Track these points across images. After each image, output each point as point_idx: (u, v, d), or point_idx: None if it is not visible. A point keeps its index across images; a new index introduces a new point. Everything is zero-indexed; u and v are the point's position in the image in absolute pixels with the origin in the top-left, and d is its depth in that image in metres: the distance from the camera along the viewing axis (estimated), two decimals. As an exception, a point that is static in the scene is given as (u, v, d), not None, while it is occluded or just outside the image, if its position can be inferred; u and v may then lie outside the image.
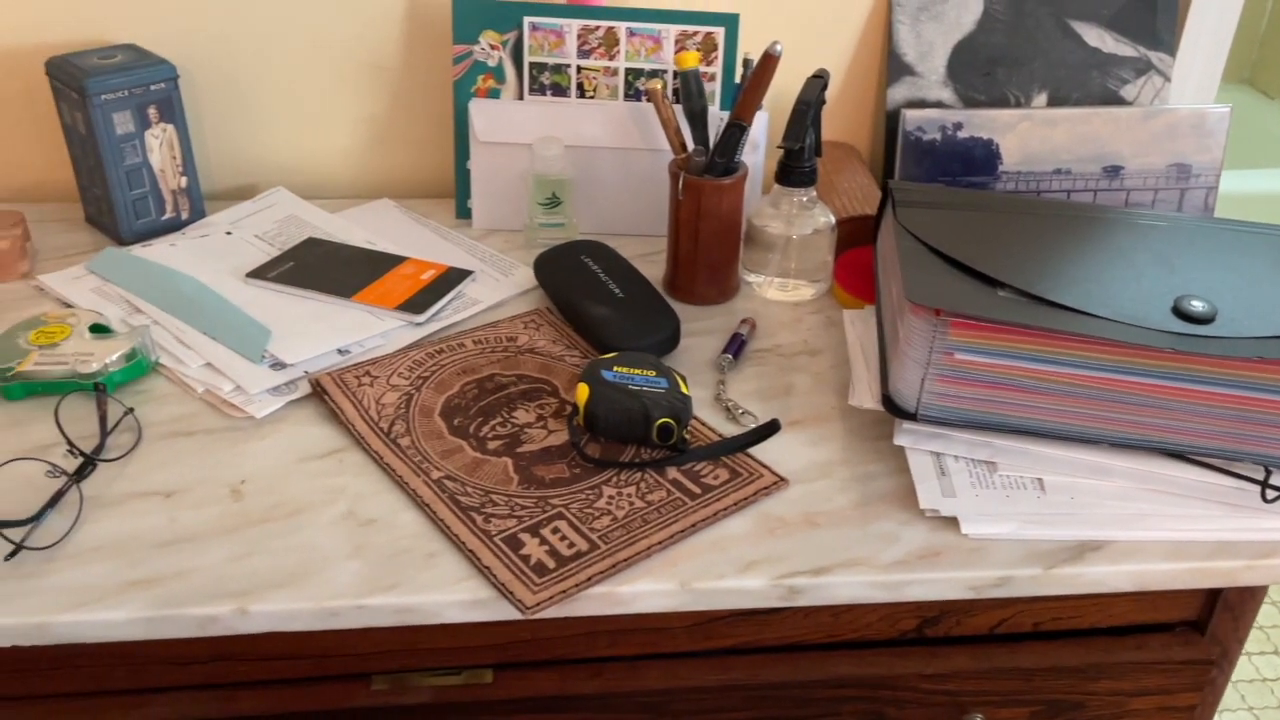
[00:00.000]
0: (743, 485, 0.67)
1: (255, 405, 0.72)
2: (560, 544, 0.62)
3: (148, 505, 0.64)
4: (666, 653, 0.65)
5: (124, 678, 0.61)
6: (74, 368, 0.72)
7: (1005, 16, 0.98)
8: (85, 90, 0.84)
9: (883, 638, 0.67)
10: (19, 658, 0.60)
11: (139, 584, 0.58)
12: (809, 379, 0.78)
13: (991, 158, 0.97)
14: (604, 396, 0.69)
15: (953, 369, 0.66)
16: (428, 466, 0.68)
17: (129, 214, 0.90)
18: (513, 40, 0.93)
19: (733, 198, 0.83)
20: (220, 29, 0.95)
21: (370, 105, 0.99)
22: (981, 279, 0.69)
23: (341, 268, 0.86)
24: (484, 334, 0.81)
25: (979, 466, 0.68)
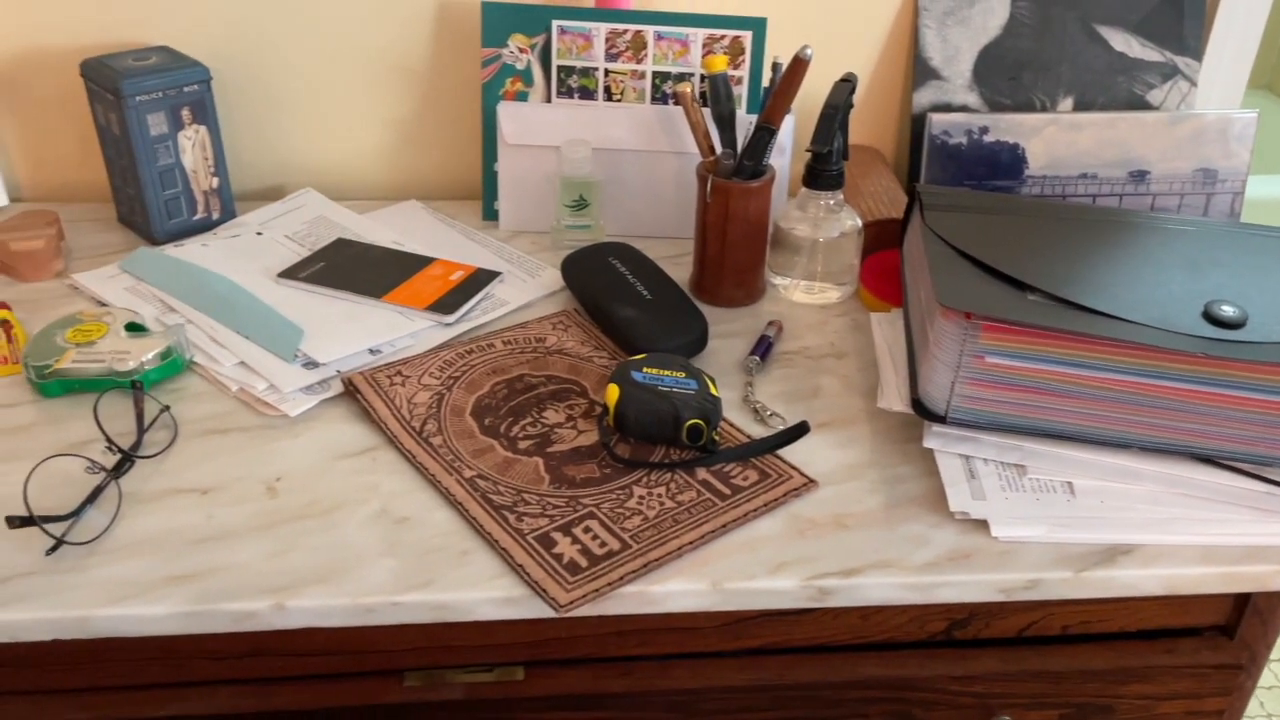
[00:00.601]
0: (772, 486, 0.67)
1: (289, 404, 0.73)
2: (592, 543, 0.63)
3: (185, 502, 0.65)
4: (696, 652, 0.66)
5: (161, 672, 0.62)
6: (111, 365, 0.73)
7: (1032, 21, 0.98)
8: (120, 92, 0.85)
9: (911, 639, 0.67)
10: (59, 651, 0.61)
11: (177, 579, 0.59)
12: (836, 381, 0.78)
13: (1017, 162, 0.97)
14: (634, 397, 0.70)
15: (983, 372, 0.66)
16: (460, 465, 0.68)
17: (161, 214, 0.91)
18: (541, 43, 0.94)
19: (760, 200, 0.83)
20: (252, 32, 0.96)
21: (398, 107, 1.00)
22: (1010, 283, 0.70)
23: (371, 268, 0.87)
24: (513, 335, 0.81)
25: (1008, 470, 0.68)
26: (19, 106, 0.97)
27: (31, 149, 0.99)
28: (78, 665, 0.61)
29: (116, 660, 0.62)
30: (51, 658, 0.61)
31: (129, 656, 0.61)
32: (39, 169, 1.00)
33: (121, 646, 0.61)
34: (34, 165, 1.00)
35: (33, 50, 0.95)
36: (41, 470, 0.66)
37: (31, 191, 1.01)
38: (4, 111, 0.97)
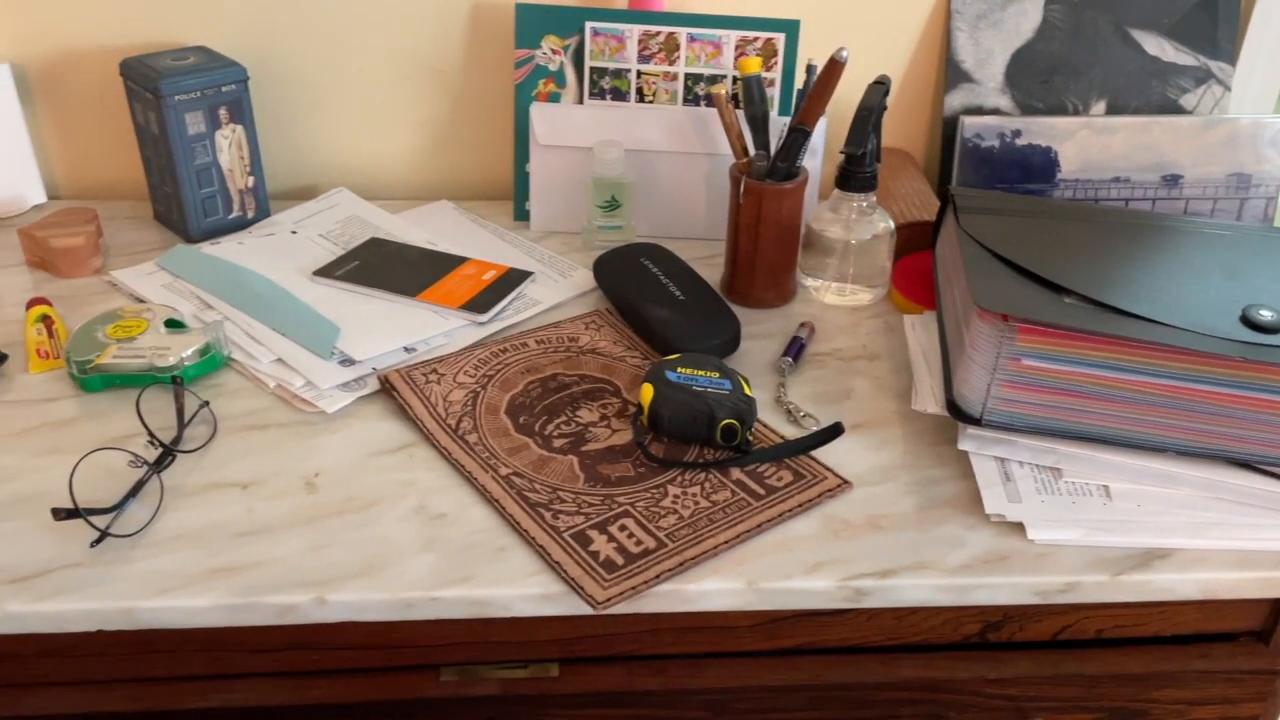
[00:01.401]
0: (807, 487, 0.68)
1: (326, 400, 0.73)
2: (628, 541, 0.63)
3: (226, 496, 0.65)
4: (730, 651, 0.66)
5: (202, 664, 0.63)
6: (151, 361, 0.73)
7: (1064, 24, 0.98)
8: (159, 91, 0.86)
9: (945, 641, 0.67)
10: (103, 642, 0.62)
11: (220, 572, 0.60)
12: (869, 383, 0.78)
13: (1050, 165, 0.97)
14: (668, 397, 0.70)
15: (1019, 375, 0.66)
16: (495, 463, 0.69)
17: (198, 212, 0.92)
18: (574, 45, 0.94)
19: (793, 202, 0.83)
20: (287, 32, 0.97)
21: (431, 108, 1.01)
22: (1046, 285, 0.70)
23: (405, 267, 0.88)
24: (546, 334, 0.82)
25: (1044, 472, 0.68)
26: (58, 105, 0.98)
27: (69, 147, 1.00)
28: (120, 656, 0.62)
29: (159, 652, 0.62)
30: (94, 648, 0.62)
31: (169, 649, 0.62)
32: (76, 167, 1.01)
33: (163, 638, 0.62)
34: (72, 163, 1.01)
35: (72, 50, 0.96)
36: (84, 463, 0.66)
37: (69, 189, 1.02)
38: (43, 110, 0.98)
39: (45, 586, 0.59)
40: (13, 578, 0.59)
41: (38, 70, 0.96)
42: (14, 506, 0.64)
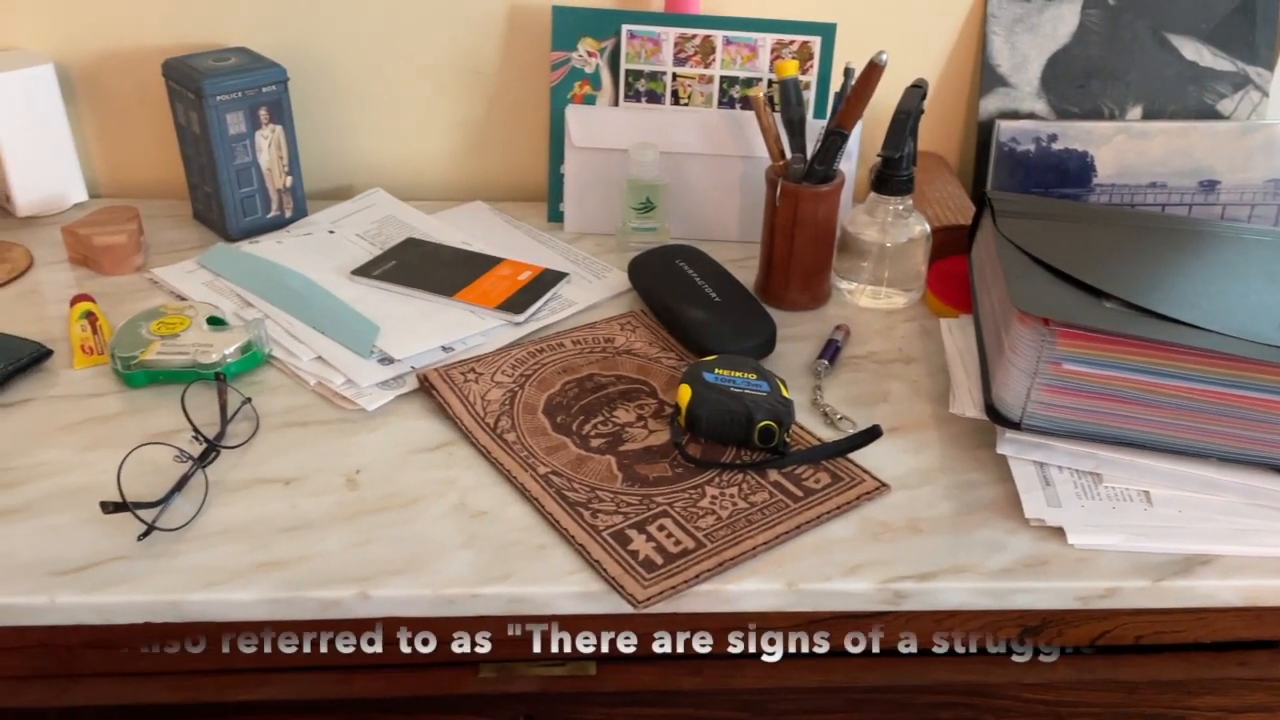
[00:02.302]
0: (845, 489, 0.68)
1: (366, 398, 0.74)
2: (667, 541, 0.63)
3: (269, 491, 0.66)
4: (767, 653, 0.66)
5: (245, 657, 0.63)
6: (194, 358, 0.74)
7: (1101, 29, 0.98)
8: (202, 91, 0.87)
9: (982, 645, 0.67)
10: (149, 634, 0.62)
11: (265, 566, 0.61)
12: (905, 386, 0.78)
13: (1086, 170, 0.96)
14: (706, 398, 0.70)
15: (1060, 379, 0.66)
16: (534, 462, 0.69)
17: (237, 211, 0.93)
18: (610, 47, 0.95)
19: (829, 205, 0.84)
20: (324, 34, 0.98)
21: (467, 110, 1.02)
22: (1086, 290, 0.69)
23: (442, 267, 0.89)
24: (582, 335, 0.82)
25: (1084, 477, 0.68)
26: (100, 105, 0.99)
27: (110, 146, 1.01)
28: (166, 649, 0.63)
29: (203, 644, 0.63)
30: (140, 640, 0.62)
31: (214, 641, 0.63)
32: (117, 166, 1.02)
33: (207, 631, 0.62)
34: (112, 162, 1.02)
35: (114, 51, 0.97)
36: (131, 458, 0.67)
37: (109, 188, 1.03)
38: (86, 110, 0.99)
39: (93, 579, 0.60)
40: (62, 569, 0.60)
41: (80, 70, 0.98)
42: (62, 499, 0.65)
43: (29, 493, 0.65)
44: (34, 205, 0.96)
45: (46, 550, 0.61)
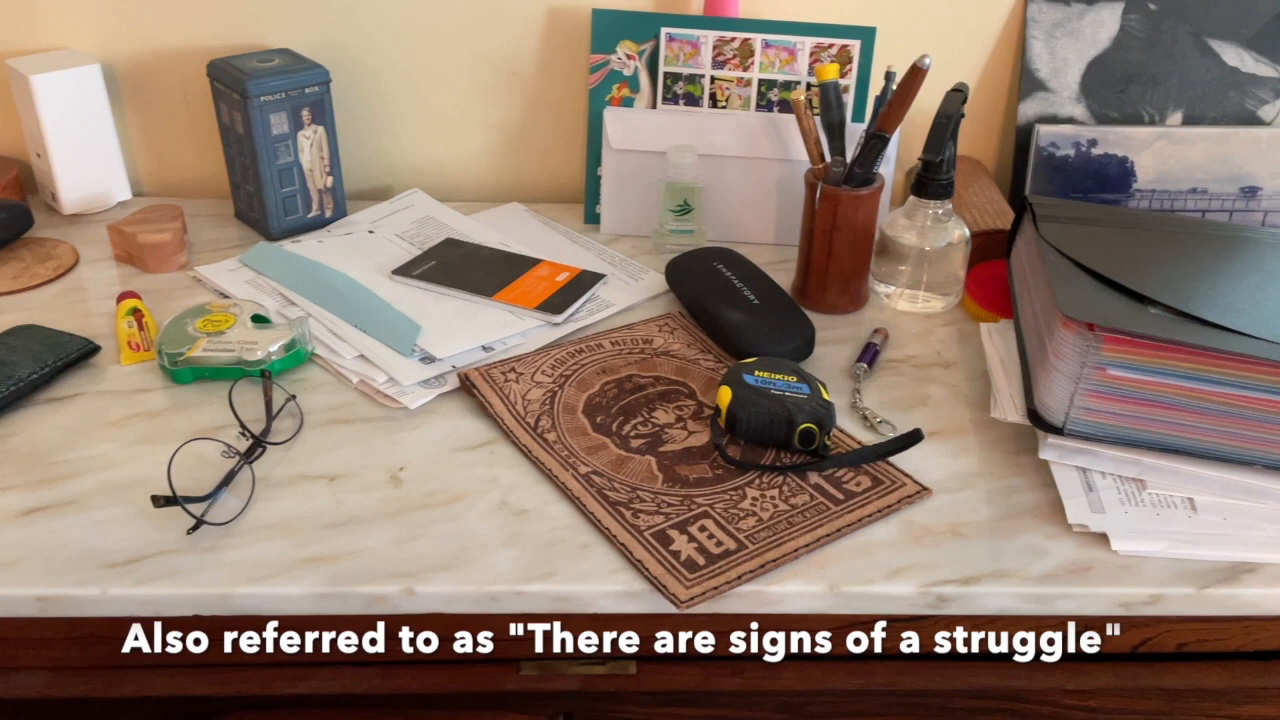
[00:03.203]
0: (886, 493, 0.68)
1: (408, 397, 0.75)
2: (708, 542, 0.63)
3: (314, 488, 0.67)
4: (807, 654, 0.66)
5: (290, 651, 0.64)
6: (240, 355, 0.75)
7: (1142, 34, 0.97)
8: (246, 92, 0.88)
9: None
10: (193, 627, 0.63)
11: (311, 561, 0.61)
12: (944, 390, 0.78)
13: (1126, 175, 0.96)
14: (747, 400, 0.71)
15: (1104, 385, 0.66)
16: (575, 461, 0.70)
17: (279, 211, 0.94)
18: (649, 50, 0.95)
19: (868, 208, 0.84)
20: (364, 35, 0.98)
21: (505, 111, 1.02)
22: (1130, 295, 0.69)
23: (480, 268, 0.89)
24: (620, 336, 0.83)
25: (1127, 484, 0.67)
26: (144, 105, 1.01)
27: (153, 146, 1.03)
28: (211, 641, 0.63)
29: (247, 637, 0.64)
30: (184, 632, 0.63)
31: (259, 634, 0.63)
32: (159, 165, 1.04)
33: (252, 624, 0.63)
34: (155, 162, 1.04)
35: (158, 52, 0.98)
36: (178, 453, 0.68)
37: (151, 187, 1.05)
38: (130, 110, 1.01)
39: (144, 571, 0.60)
40: (113, 562, 0.61)
41: (125, 70, 0.99)
42: (112, 493, 0.66)
43: (79, 486, 0.66)
44: (79, 203, 0.98)
45: (97, 543, 0.62)
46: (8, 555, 0.61)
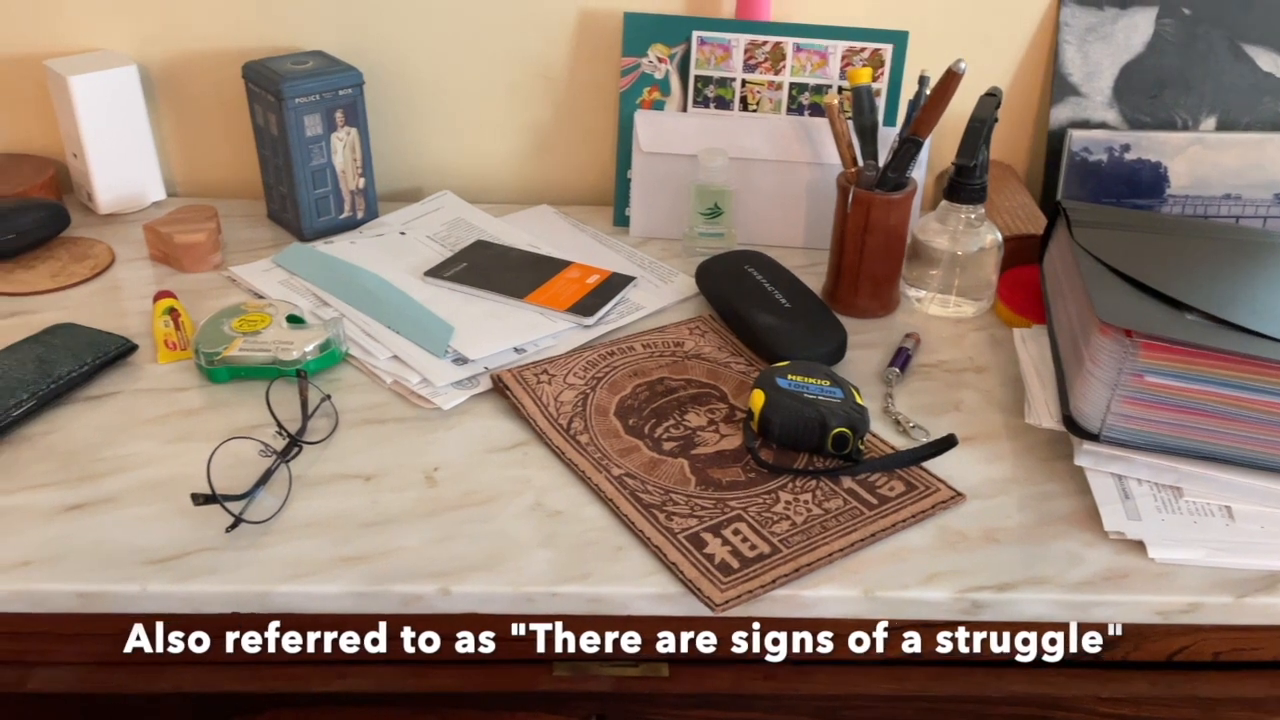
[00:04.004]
0: (920, 498, 0.68)
1: (441, 397, 0.75)
2: (742, 545, 0.64)
3: (350, 487, 0.67)
4: (840, 659, 0.66)
5: (328, 648, 0.65)
6: (275, 355, 0.76)
7: (1176, 39, 0.97)
8: (281, 94, 0.89)
9: (1059, 658, 0.66)
10: (231, 623, 0.63)
11: (348, 560, 0.62)
12: (977, 396, 0.78)
13: (1159, 181, 0.95)
14: (780, 404, 0.71)
15: (1141, 391, 0.66)
16: (607, 463, 0.70)
17: (312, 212, 0.95)
18: (680, 53, 0.95)
19: (901, 212, 0.83)
20: (398, 38, 0.99)
21: (535, 114, 1.03)
22: (1166, 301, 0.69)
23: (511, 270, 0.90)
24: (651, 338, 0.83)
25: (1164, 491, 0.67)
26: (178, 106, 1.02)
27: (187, 147, 1.04)
28: (247, 639, 0.64)
29: (283, 635, 0.64)
30: (221, 628, 0.64)
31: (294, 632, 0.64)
32: (193, 166, 1.05)
33: (287, 622, 0.63)
34: (189, 162, 1.04)
35: (192, 54, 0.99)
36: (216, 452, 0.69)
37: (185, 188, 1.06)
38: (166, 111, 1.02)
39: (183, 569, 0.61)
40: (153, 559, 0.61)
41: (160, 72, 1.00)
42: (151, 490, 0.66)
43: (118, 483, 0.67)
44: (114, 203, 0.99)
45: (137, 539, 0.63)
46: (49, 551, 0.62)
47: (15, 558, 0.61)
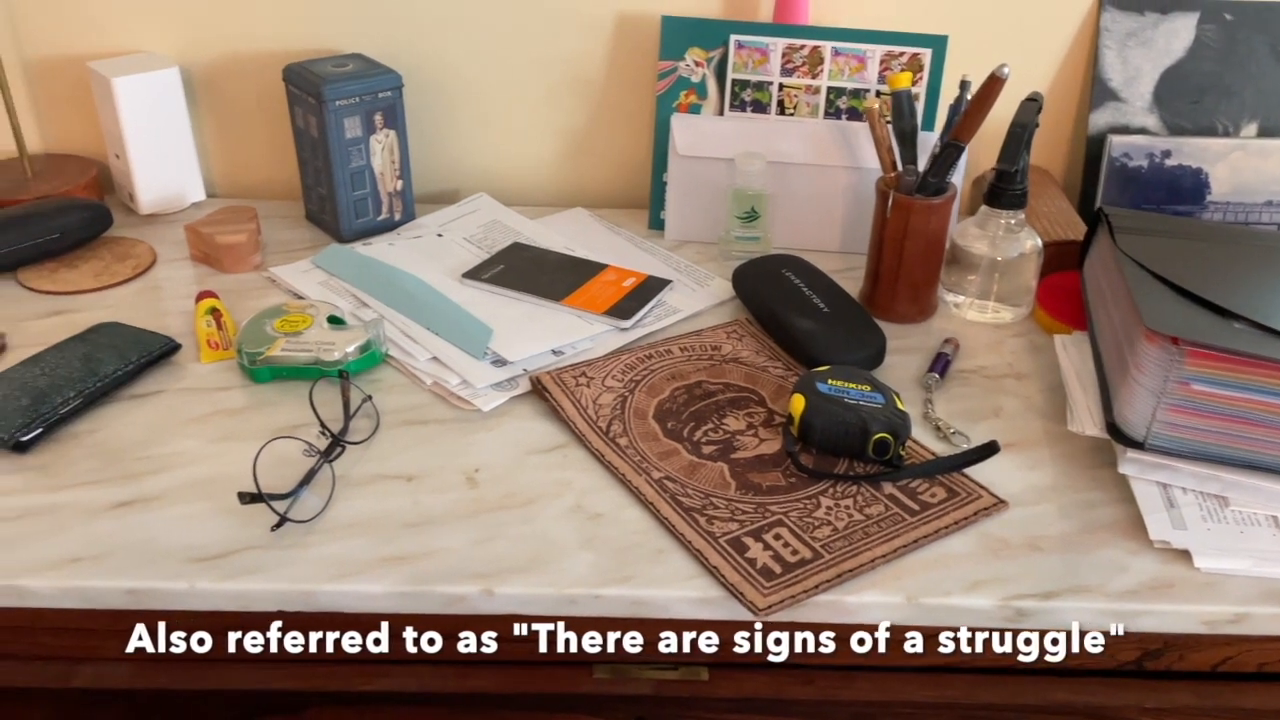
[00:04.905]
0: (961, 505, 0.67)
1: (481, 399, 0.75)
2: (784, 550, 0.63)
3: (392, 487, 0.68)
4: (880, 665, 0.66)
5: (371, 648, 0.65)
6: (317, 355, 0.76)
7: (1217, 44, 0.96)
8: (322, 96, 0.90)
9: (1101, 667, 0.66)
10: (280, 622, 0.64)
11: (392, 560, 0.62)
12: (1017, 402, 0.77)
13: (1200, 187, 0.95)
14: (820, 409, 0.71)
15: (1187, 399, 0.65)
16: (647, 467, 0.70)
17: (350, 213, 0.95)
18: (717, 57, 0.95)
19: (940, 217, 0.83)
20: (435, 41, 1.00)
21: (571, 117, 1.03)
22: (1212, 309, 0.68)
23: (548, 272, 0.90)
24: (689, 342, 0.83)
25: (1209, 500, 0.66)
26: (219, 107, 1.03)
27: (226, 148, 1.05)
28: (287, 638, 0.64)
29: (327, 634, 0.64)
30: (262, 626, 0.64)
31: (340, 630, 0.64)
32: (232, 167, 1.06)
33: (332, 622, 0.64)
34: (228, 164, 1.05)
35: (233, 57, 1.00)
36: (256, 450, 0.69)
37: (223, 188, 1.06)
38: (206, 113, 1.03)
39: (229, 567, 0.62)
40: (199, 557, 0.62)
41: (201, 74, 1.01)
42: (196, 489, 0.67)
43: (164, 482, 0.68)
44: (155, 203, 1.00)
45: (184, 537, 0.63)
46: (98, 548, 0.63)
47: (65, 554, 0.62)
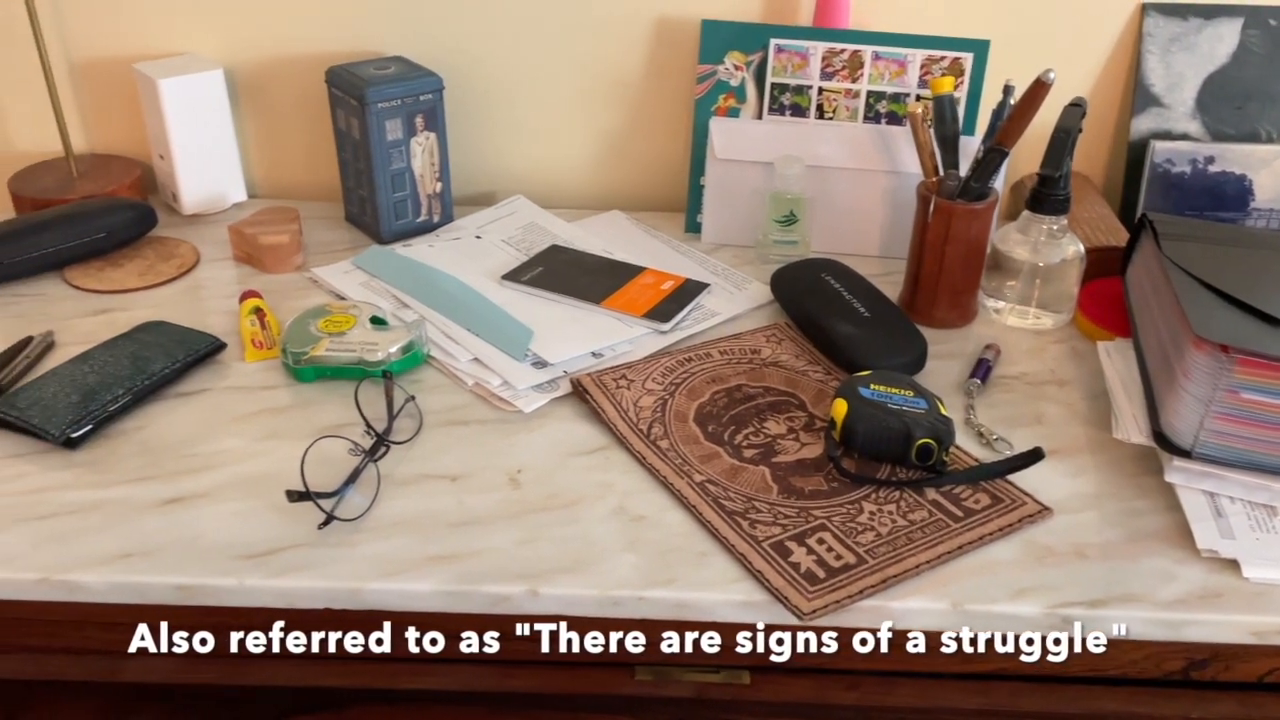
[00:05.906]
0: (1006, 511, 0.67)
1: (522, 400, 0.76)
2: (827, 555, 0.63)
3: (437, 487, 0.68)
4: (924, 671, 0.66)
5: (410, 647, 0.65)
6: (360, 355, 0.77)
7: (1262, 50, 0.95)
8: (365, 99, 0.90)
9: (1146, 677, 0.65)
10: (321, 620, 0.64)
11: (438, 559, 0.62)
12: (1060, 409, 0.77)
13: (1243, 194, 0.94)
14: (863, 413, 0.70)
15: (1236, 408, 0.65)
16: (689, 469, 0.70)
17: (390, 215, 0.96)
18: (757, 61, 0.95)
19: (982, 223, 0.83)
20: (477, 44, 1.00)
21: (609, 120, 1.03)
22: (1261, 317, 0.68)
23: (587, 275, 0.90)
24: (728, 345, 0.83)
25: (1257, 509, 0.66)
26: (261, 109, 1.04)
27: (268, 149, 1.06)
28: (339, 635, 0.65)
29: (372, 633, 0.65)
30: (312, 625, 0.65)
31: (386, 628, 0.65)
32: (273, 168, 1.07)
33: (376, 620, 0.64)
34: (269, 165, 1.06)
35: (275, 59, 1.01)
36: (300, 449, 0.70)
37: (265, 189, 1.08)
38: (249, 115, 1.04)
39: (277, 564, 0.62)
40: (248, 554, 0.63)
41: (244, 76, 1.02)
42: (243, 487, 0.68)
43: (212, 479, 0.69)
44: (198, 204, 1.01)
45: (232, 534, 0.64)
46: (149, 543, 0.63)
47: (115, 549, 0.63)
